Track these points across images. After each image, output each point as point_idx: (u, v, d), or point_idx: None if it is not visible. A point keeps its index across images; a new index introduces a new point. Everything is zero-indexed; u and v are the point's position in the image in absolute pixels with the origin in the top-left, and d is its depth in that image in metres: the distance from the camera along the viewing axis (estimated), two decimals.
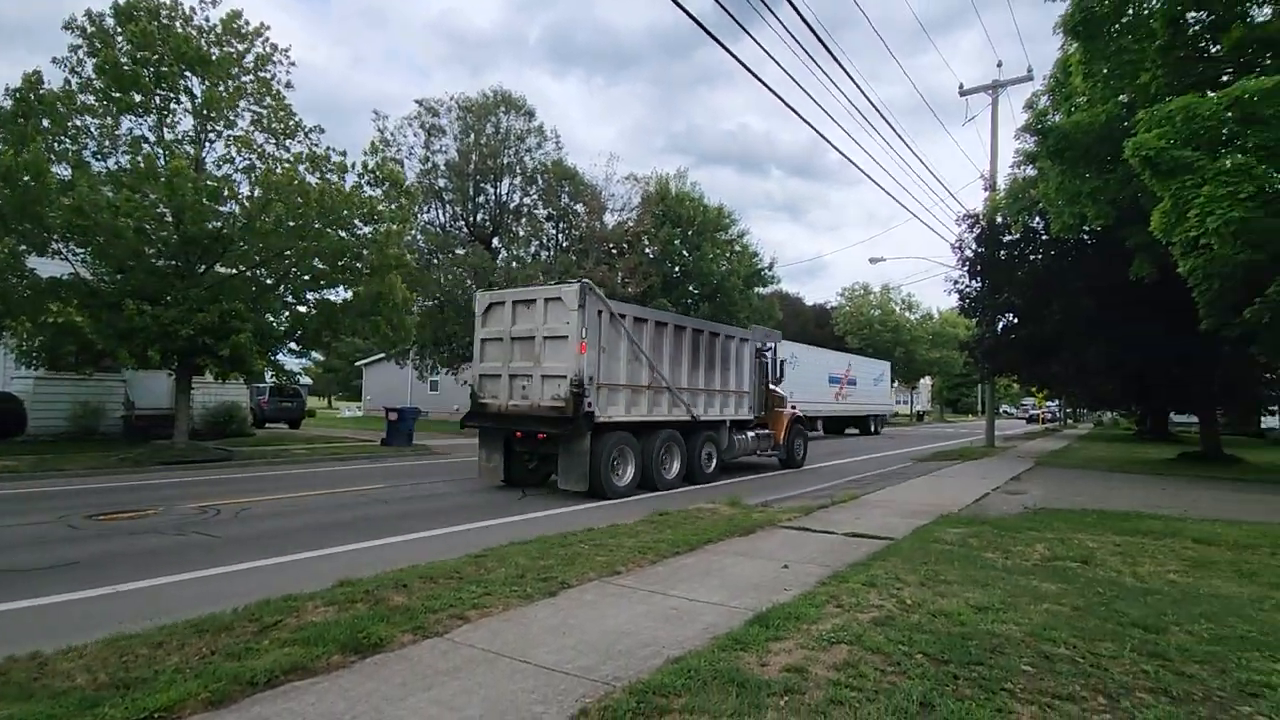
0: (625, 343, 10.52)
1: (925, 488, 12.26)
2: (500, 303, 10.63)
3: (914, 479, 13.85)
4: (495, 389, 10.56)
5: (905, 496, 10.88)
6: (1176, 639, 4.37)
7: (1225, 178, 9.22)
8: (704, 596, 5.30)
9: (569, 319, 9.80)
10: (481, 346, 10.69)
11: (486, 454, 10.89)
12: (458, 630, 4.56)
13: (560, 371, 9.86)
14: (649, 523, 7.96)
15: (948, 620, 4.64)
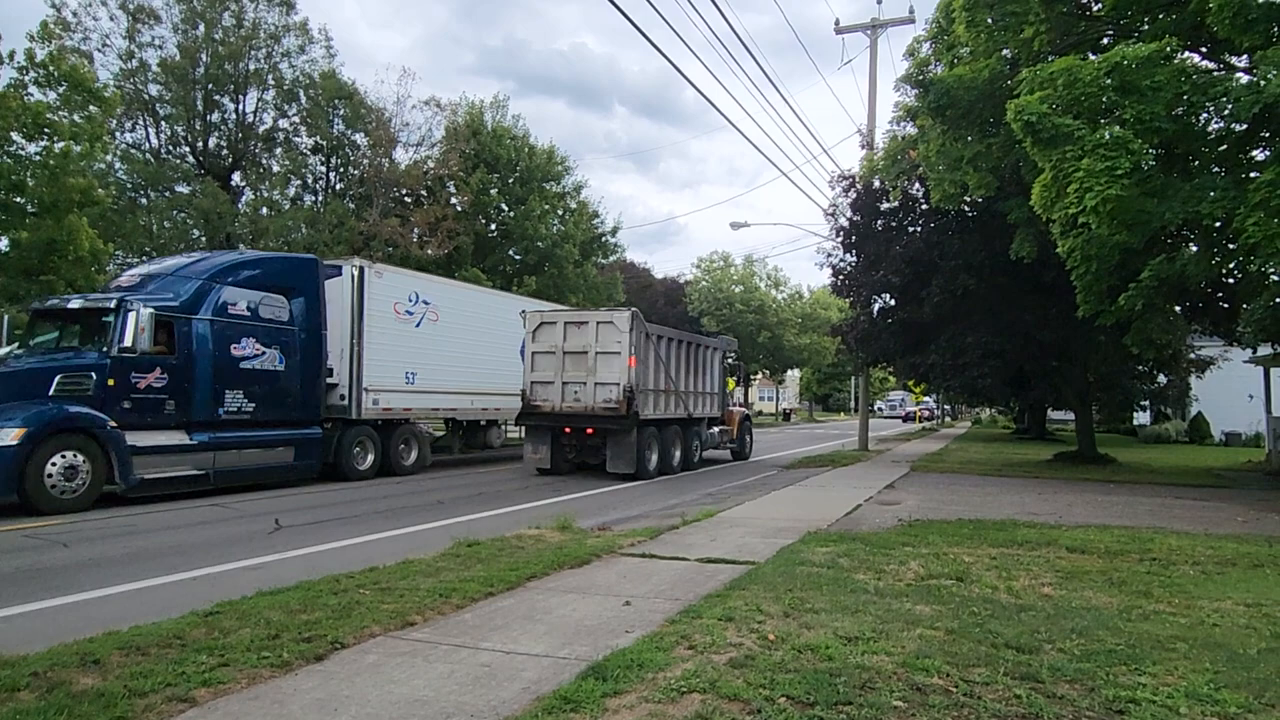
0: (653, 356, 17.29)
1: (791, 500, 13.11)
2: (552, 323, 17.19)
3: (779, 490, 14.79)
4: (547, 394, 17.08)
5: (768, 511, 11.60)
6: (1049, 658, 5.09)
7: (1104, 151, 10.75)
8: (525, 647, 5.31)
9: (620, 339, 16.19)
10: (533, 359, 17.14)
11: (534, 446, 17.29)
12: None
13: (614, 380, 16.39)
14: (453, 556, 7.85)
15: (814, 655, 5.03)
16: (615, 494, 14.71)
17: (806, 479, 17.17)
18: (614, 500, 13.82)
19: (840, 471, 19.30)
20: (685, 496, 14.27)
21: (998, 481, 17.05)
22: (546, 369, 17.60)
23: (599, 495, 14.50)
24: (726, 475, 18.60)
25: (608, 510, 12.49)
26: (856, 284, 22.82)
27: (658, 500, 13.90)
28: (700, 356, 20.41)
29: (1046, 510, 12.08)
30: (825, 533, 9.55)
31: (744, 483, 17.37)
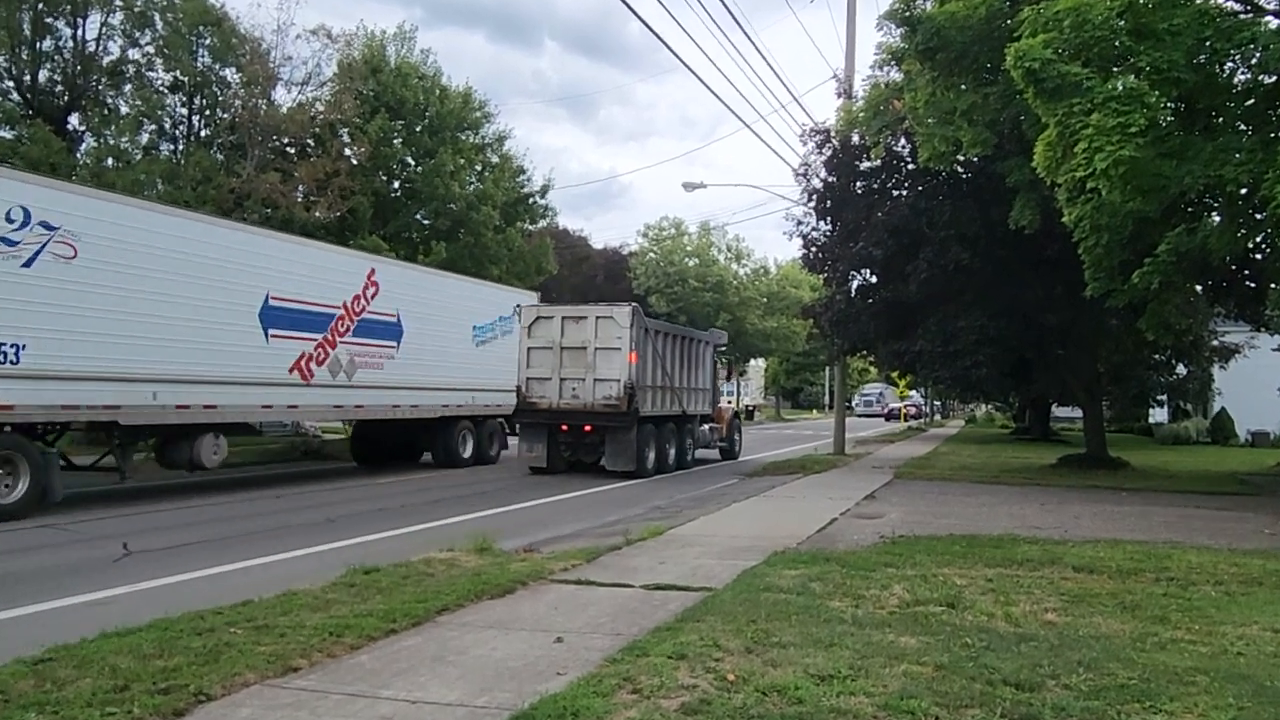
0: (651, 351, 19.82)
1: (755, 514, 13.30)
2: (549, 317, 19.93)
3: (740, 502, 14.97)
4: (544, 390, 19.86)
5: (728, 527, 11.72)
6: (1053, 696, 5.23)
7: (1116, 104, 11.03)
8: (435, 695, 5.25)
9: (621, 334, 18.77)
10: (528, 354, 19.72)
11: (529, 445, 20.01)
12: None
13: (614, 376, 18.94)
14: (345, 586, 7.72)
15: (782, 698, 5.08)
16: (617, 491, 17.68)
17: (773, 488, 17.38)
18: (618, 497, 15.77)
19: (813, 479, 19.54)
20: (687, 493, 16.29)
21: (994, 490, 17.47)
22: (543, 365, 20.57)
23: (592, 495, 17.01)
24: (711, 477, 20.76)
25: (605, 510, 13.33)
26: (831, 257, 23.13)
27: (662, 495, 16.37)
28: (693, 352, 23.69)
29: (1050, 523, 12.42)
30: (794, 552, 9.67)
31: (699, 493, 17.57)
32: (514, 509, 14.85)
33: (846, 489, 17.04)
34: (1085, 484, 18.91)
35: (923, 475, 20.35)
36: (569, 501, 16.21)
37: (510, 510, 14.69)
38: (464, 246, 31.12)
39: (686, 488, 18.54)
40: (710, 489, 18.68)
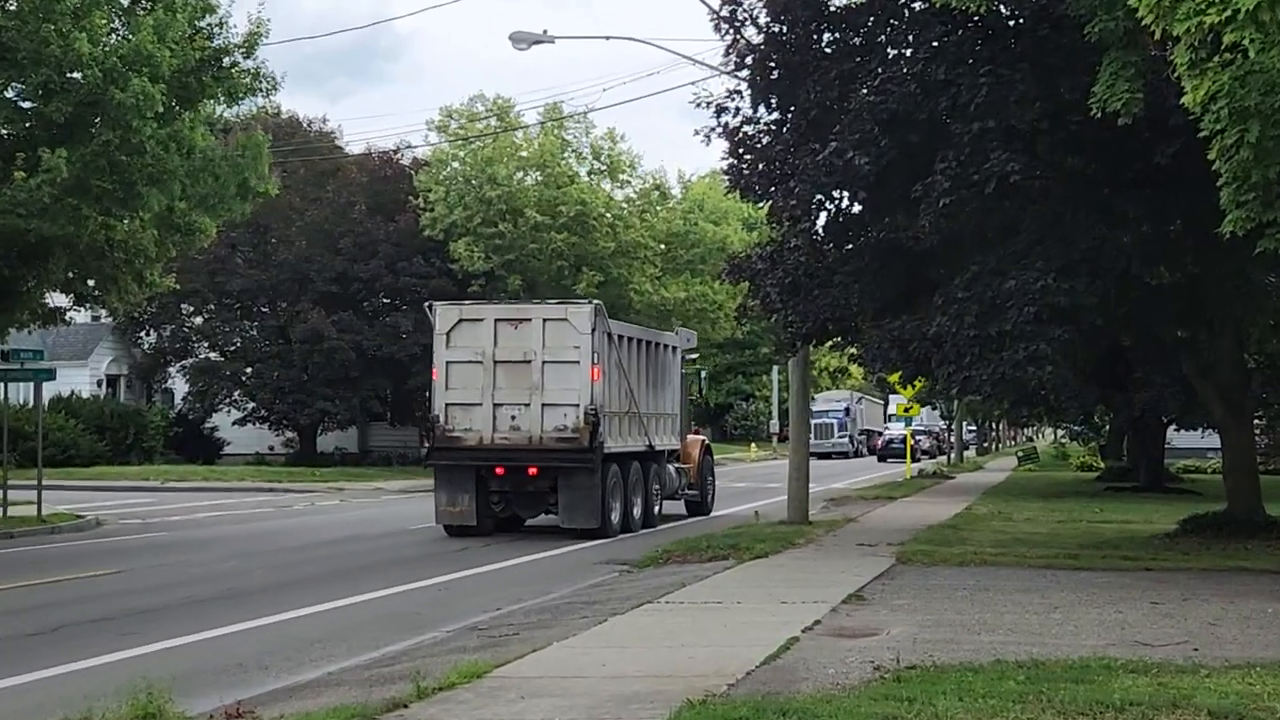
0: (615, 364, 24.35)
1: (651, 631, 13.35)
2: (476, 319, 24.59)
3: (630, 611, 15.03)
4: (470, 421, 24.51)
5: (603, 658, 11.72)
6: None
7: None
8: None
9: (579, 342, 23.11)
10: (447, 370, 24.18)
11: (449, 496, 24.37)
12: None
13: (569, 400, 23.15)
14: None
15: None
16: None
17: (683, 585, 17.42)
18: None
19: (753, 569, 19.68)
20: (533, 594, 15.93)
21: (1071, 581, 17.89)
22: (469, 386, 25.34)
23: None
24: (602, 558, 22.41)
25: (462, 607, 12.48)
26: (781, 170, 23.27)
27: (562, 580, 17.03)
28: (659, 361, 28.92)
29: (1169, 636, 12.80)
30: (724, 702, 9.66)
31: (552, 598, 17.59)
32: (308, 613, 15.81)
33: (814, 585, 17.17)
34: (1228, 565, 19.49)
35: (947, 557, 20.74)
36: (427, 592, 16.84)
37: (300, 616, 15.48)
38: (98, 151, 30.13)
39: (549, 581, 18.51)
40: (569, 589, 18.67)
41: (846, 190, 22.97)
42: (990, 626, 13.58)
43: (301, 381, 60.81)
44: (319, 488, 50.14)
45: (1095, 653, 11.70)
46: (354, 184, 64.94)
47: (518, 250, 62.30)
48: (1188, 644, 12.32)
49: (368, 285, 62.01)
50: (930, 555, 21.01)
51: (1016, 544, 23.32)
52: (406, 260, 61.17)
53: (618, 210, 67.46)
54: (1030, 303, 19.97)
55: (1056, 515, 31.45)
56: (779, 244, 24.43)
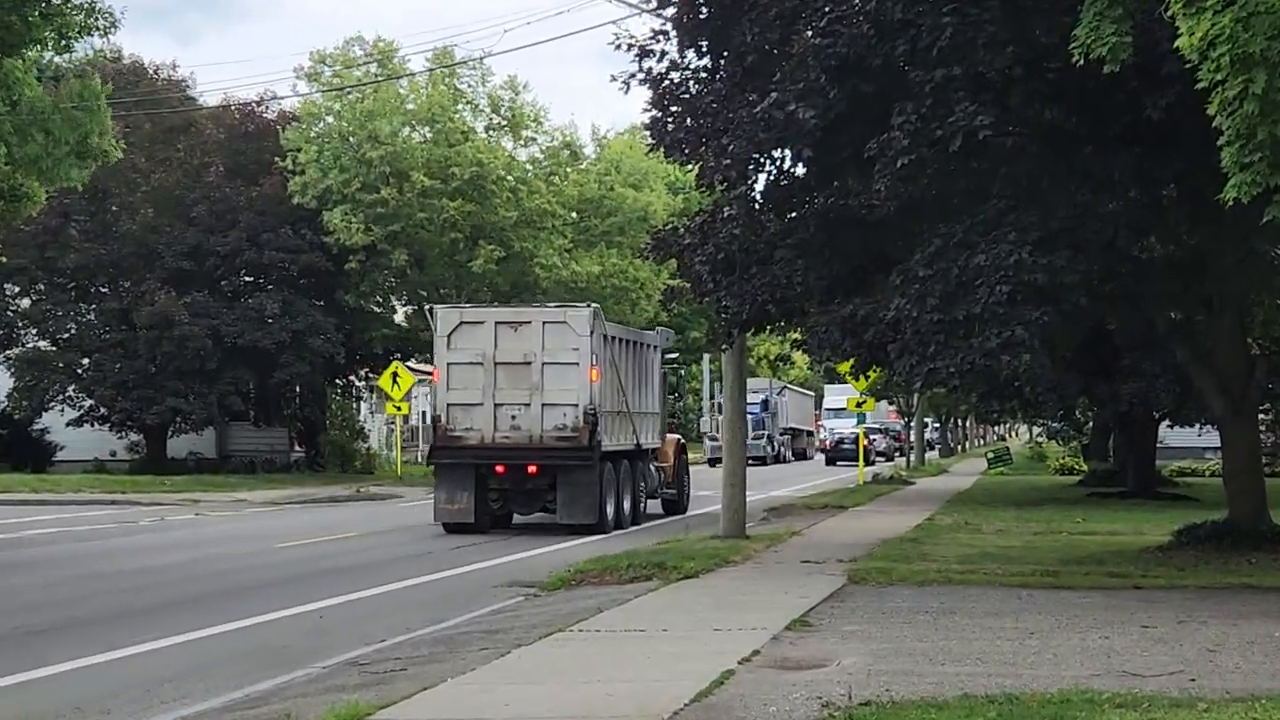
0: (610, 365, 31.61)
1: (563, 666, 13.39)
2: (477, 322, 31.49)
3: (530, 645, 15.02)
4: (471, 420, 31.36)
5: (507, 698, 11.70)
6: None
7: None
8: None
9: (578, 344, 29.91)
10: (449, 372, 31.02)
11: (448, 493, 30.71)
12: None
13: (568, 400, 30.11)
14: None
15: None
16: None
17: (600, 610, 17.53)
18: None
19: (682, 589, 19.80)
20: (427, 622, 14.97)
21: (1048, 601, 18.06)
22: (470, 387, 31.37)
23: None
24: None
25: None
26: (713, 125, 23.30)
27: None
28: (643, 361, 35.33)
29: (1162, 665, 12.96)
30: None
31: (445, 626, 17.62)
32: (159, 646, 15.68)
33: (752, 609, 17.24)
34: (1229, 583, 19.71)
35: (906, 576, 20.88)
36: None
37: (149, 650, 15.36)
38: None
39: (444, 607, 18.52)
40: (466, 616, 18.68)
41: (789, 149, 22.91)
42: (956, 656, 13.65)
43: (148, 375, 60.21)
44: (170, 499, 49.77)
45: (1077, 684, 11.79)
46: (209, 142, 64.36)
47: (403, 220, 61.99)
48: (1183, 674, 12.44)
49: (226, 261, 61.57)
50: (887, 574, 21.11)
51: (986, 560, 23.49)
52: (272, 232, 60.82)
53: (521, 173, 67.26)
54: (1003, 280, 20.07)
55: (1032, 526, 31.70)
56: (710, 214, 24.46)
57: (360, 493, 54.33)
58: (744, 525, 28.39)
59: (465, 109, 67.10)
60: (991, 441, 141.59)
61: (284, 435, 71.73)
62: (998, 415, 75.33)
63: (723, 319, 25.06)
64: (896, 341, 21.76)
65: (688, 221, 25.82)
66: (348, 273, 63.60)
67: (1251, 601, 17.81)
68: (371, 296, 68.98)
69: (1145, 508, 37.69)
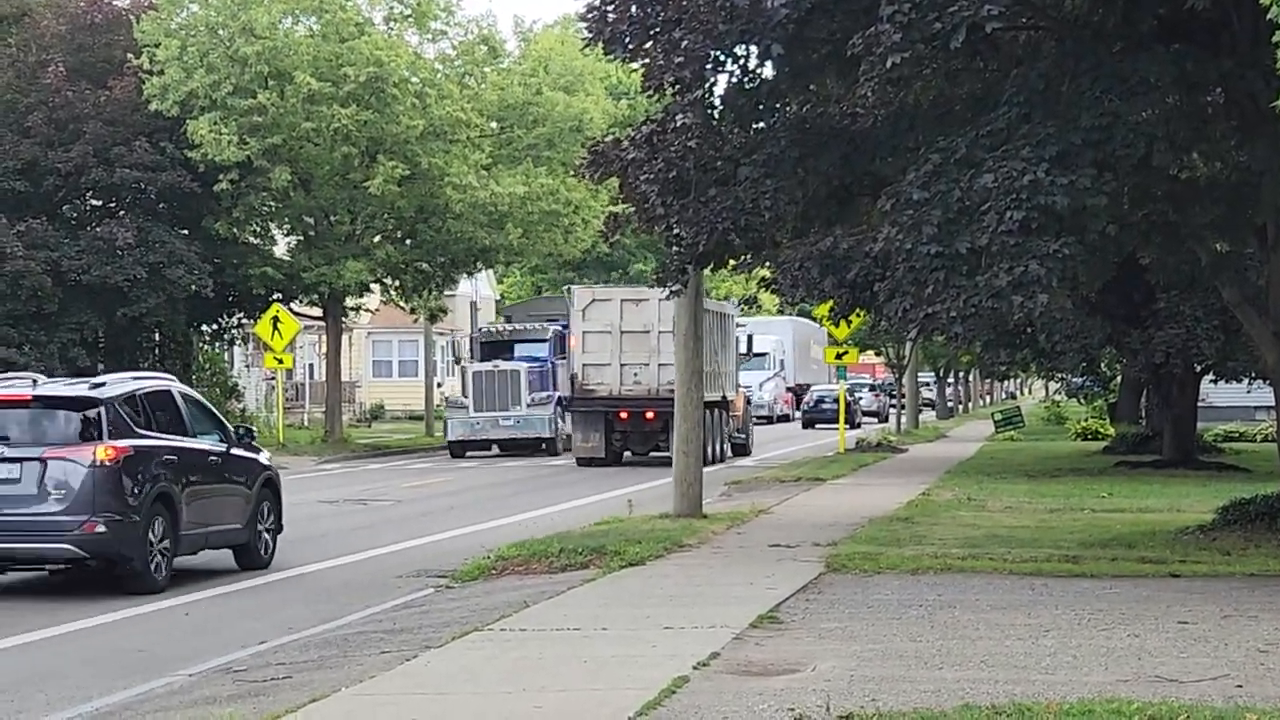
0: (707, 332, 37.52)
1: (486, 673, 13.45)
2: (606, 300, 55.34)
3: (443, 646, 15.09)
4: (602, 376, 53.85)
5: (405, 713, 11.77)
6: None
7: None
8: None
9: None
10: (584, 339, 53.59)
11: (584, 434, 53.68)
12: None
13: (671, 360, 39.76)
14: None
15: None
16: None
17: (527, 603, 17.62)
18: None
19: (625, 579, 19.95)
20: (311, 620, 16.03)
21: (1066, 592, 18.20)
22: (601, 351, 49.47)
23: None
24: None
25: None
26: (661, 16, 23.24)
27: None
28: (725, 328, 50.96)
29: (1202, 669, 13.05)
30: None
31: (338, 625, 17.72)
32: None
33: (710, 603, 17.35)
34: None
35: (896, 563, 21.01)
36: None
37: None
38: None
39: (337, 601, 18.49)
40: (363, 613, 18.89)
41: (755, 44, 22.84)
42: (956, 658, 13.71)
43: None
44: None
45: (1101, 692, 11.81)
46: (47, 36, 63.69)
47: (285, 131, 61.68)
48: (1228, 679, 12.49)
49: (69, 181, 61.01)
50: (873, 560, 21.21)
51: (993, 543, 23.61)
52: (125, 145, 60.05)
53: (428, 74, 67.06)
54: (1014, 205, 20.07)
55: (1048, 502, 31.84)
56: (660, 123, 24.31)
57: None
58: (700, 502, 28.45)
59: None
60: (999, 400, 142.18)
61: None
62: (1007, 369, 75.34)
63: (675, 252, 24.88)
64: (886, 280, 21.77)
65: (632, 132, 25.63)
66: (218, 195, 62.65)
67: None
68: (247, 224, 67.83)
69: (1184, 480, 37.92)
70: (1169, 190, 21.85)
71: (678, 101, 23.71)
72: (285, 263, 68.76)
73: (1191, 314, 36.81)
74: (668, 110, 24.13)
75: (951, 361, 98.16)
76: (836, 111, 22.05)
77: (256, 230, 69.90)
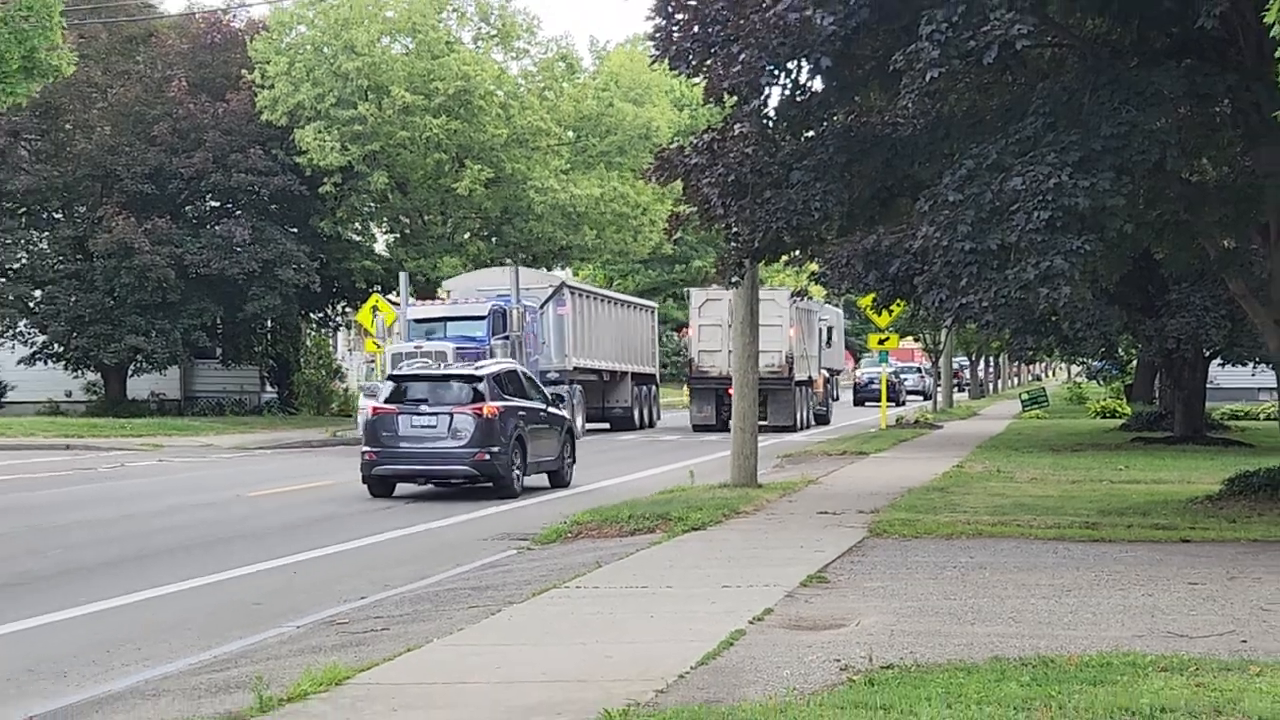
0: (797, 324, 64.74)
1: (560, 625, 13.47)
2: (717, 299, 59.54)
3: (522, 603, 15.12)
4: (714, 361, 62.94)
5: (499, 659, 11.78)
6: None
7: None
8: None
9: (780, 314, 59.01)
10: (699, 331, 64.53)
11: (699, 407, 64.79)
12: None
13: (775, 348, 59.06)
14: None
15: None
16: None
17: (598, 565, 17.61)
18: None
19: (687, 542, 19.88)
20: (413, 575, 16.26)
21: (1086, 555, 18.11)
22: (712, 340, 59.14)
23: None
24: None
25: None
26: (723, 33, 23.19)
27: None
28: (812, 321, 65.29)
29: (1210, 625, 13.00)
30: (652, 712, 9.73)
31: (430, 583, 17.70)
32: (120, 604, 15.25)
33: (764, 564, 17.30)
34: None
35: (932, 528, 20.96)
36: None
37: (110, 608, 15.05)
38: None
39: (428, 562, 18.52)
40: (453, 571, 18.84)
41: (805, 60, 22.75)
42: (986, 615, 13.69)
43: (106, 309, 59.99)
44: (131, 444, 49.93)
45: (1118, 646, 11.80)
46: (172, 54, 64.06)
47: (383, 139, 61.86)
48: (1234, 634, 12.48)
49: (191, 184, 61.53)
50: (911, 526, 21.16)
51: (1020, 510, 23.53)
52: (240, 152, 60.50)
53: (511, 87, 67.12)
54: (1041, 206, 20.01)
55: (1070, 474, 31.76)
56: (719, 131, 24.29)
57: (336, 437, 54.38)
58: (755, 473, 28.47)
59: (450, 17, 66.87)
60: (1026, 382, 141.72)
61: (254, 375, 71.69)
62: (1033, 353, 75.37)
63: (733, 247, 24.90)
64: (924, 274, 21.72)
65: (695, 140, 25.58)
66: (323, 197, 63.38)
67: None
68: (349, 223, 68.49)
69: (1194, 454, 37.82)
70: (1181, 192, 21.74)
71: (736, 112, 23.76)
72: (384, 258, 69.13)
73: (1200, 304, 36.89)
74: (727, 120, 24.15)
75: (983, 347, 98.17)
76: (879, 121, 21.97)
77: (358, 228, 70.35)
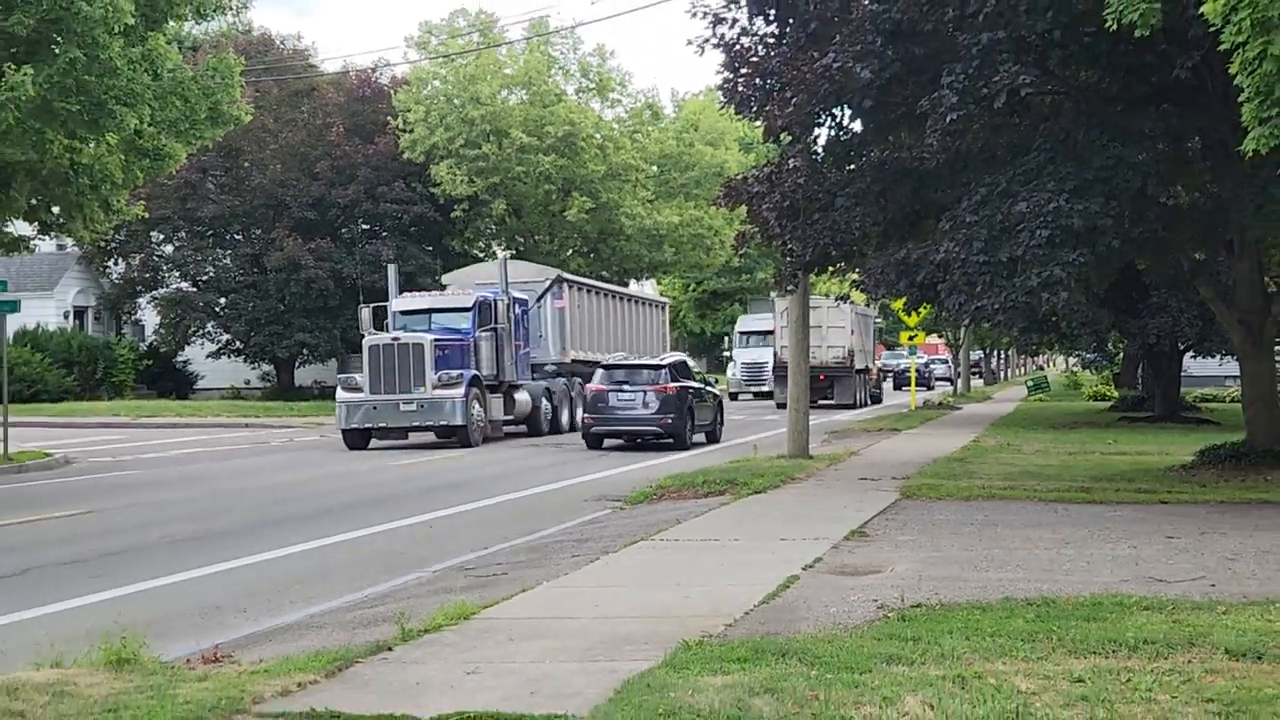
0: (856, 325, 68.52)
1: (645, 572, 13.54)
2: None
3: (616, 552, 15.16)
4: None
5: (596, 598, 11.84)
6: None
7: None
8: None
9: (843, 319, 64.59)
10: (781, 332, 57.87)
11: (780, 390, 58.55)
12: None
13: (840, 344, 66.15)
14: None
15: None
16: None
17: (678, 522, 17.61)
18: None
19: (750, 506, 19.81)
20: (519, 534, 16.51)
21: (1084, 514, 18.04)
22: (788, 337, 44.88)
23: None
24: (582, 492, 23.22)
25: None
26: (780, 83, 23.18)
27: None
28: (867, 324, 67.78)
29: (1185, 572, 12.94)
30: (722, 642, 9.75)
31: (540, 536, 17.83)
32: (288, 553, 15.41)
33: (814, 521, 17.31)
34: (1247, 498, 19.61)
35: (953, 491, 20.86)
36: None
37: (280, 557, 15.09)
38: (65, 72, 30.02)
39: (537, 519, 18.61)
40: (558, 527, 18.88)
41: (847, 105, 22.90)
42: (998, 563, 13.69)
43: (278, 312, 60.93)
44: (297, 423, 50.26)
45: (1108, 589, 11.82)
46: (330, 105, 64.72)
47: (503, 173, 62.25)
48: (1204, 579, 12.44)
49: (346, 211, 62.08)
50: (936, 489, 21.11)
51: (1026, 477, 23.42)
52: (386, 185, 61.16)
53: (607, 131, 67.44)
54: (1042, 225, 19.96)
55: (1068, 447, 31.65)
56: (777, 165, 24.31)
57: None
58: (807, 446, 28.47)
59: (558, 74, 67.43)
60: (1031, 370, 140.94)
61: None
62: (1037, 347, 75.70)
63: (788, 261, 25.01)
64: (946, 281, 21.78)
65: (756, 171, 25.62)
66: (453, 221, 64.40)
67: (1268, 515, 17.70)
68: (475, 242, 69.42)
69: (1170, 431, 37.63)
70: (1159, 214, 21.59)
71: (790, 148, 23.80)
72: None
73: (1176, 306, 36.88)
74: (782, 155, 24.15)
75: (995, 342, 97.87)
76: (908, 156, 21.94)
77: (481, 247, 70.74)
